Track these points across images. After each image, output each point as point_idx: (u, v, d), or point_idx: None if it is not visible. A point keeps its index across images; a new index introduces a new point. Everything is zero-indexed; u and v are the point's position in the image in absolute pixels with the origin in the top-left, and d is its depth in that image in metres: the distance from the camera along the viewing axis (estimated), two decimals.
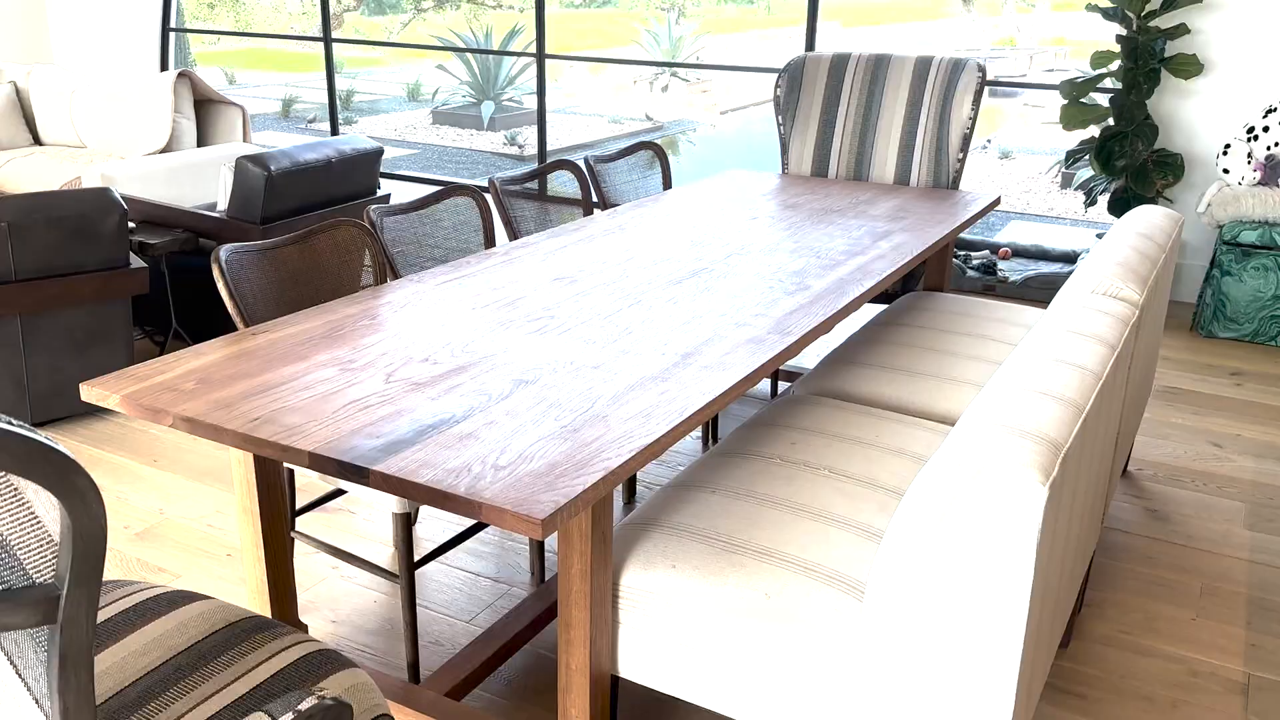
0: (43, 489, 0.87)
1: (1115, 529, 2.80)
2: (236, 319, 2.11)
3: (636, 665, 1.77)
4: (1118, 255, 2.27)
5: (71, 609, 0.91)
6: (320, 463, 1.52)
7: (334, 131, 6.84)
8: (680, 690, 1.75)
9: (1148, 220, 2.62)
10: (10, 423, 0.85)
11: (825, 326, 2.13)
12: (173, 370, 1.80)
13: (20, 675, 0.97)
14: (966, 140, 3.49)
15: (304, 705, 1.17)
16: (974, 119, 3.47)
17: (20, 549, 0.90)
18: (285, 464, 2.21)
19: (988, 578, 1.41)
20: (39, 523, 0.89)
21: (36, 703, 0.97)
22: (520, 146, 12.15)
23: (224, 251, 2.11)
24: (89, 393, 1.73)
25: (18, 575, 0.91)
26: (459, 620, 2.38)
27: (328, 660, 1.43)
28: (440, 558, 2.63)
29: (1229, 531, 2.79)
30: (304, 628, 2.29)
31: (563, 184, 3.27)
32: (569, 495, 1.41)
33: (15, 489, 0.88)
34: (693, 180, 3.59)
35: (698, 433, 3.38)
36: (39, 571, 0.91)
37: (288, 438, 1.56)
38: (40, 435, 0.86)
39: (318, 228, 2.34)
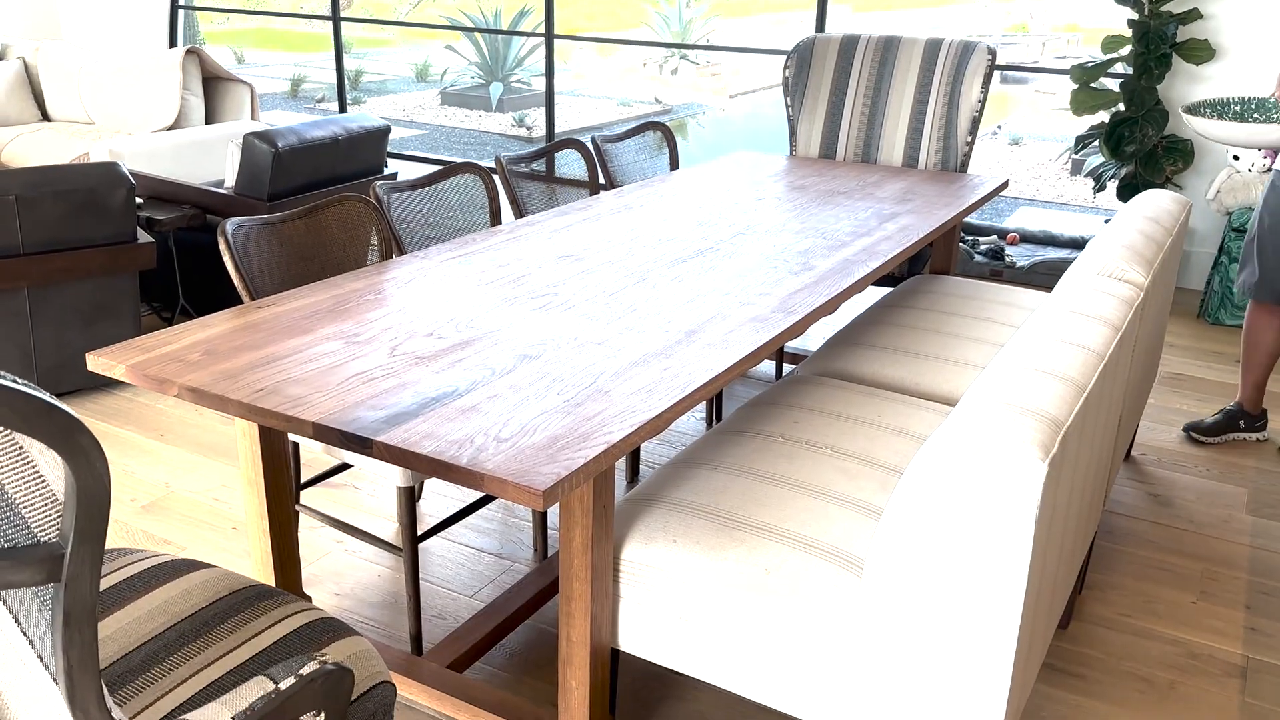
0: (47, 448, 0.88)
1: (1117, 513, 2.81)
2: (242, 292, 2.11)
3: (636, 639, 1.79)
4: (1124, 238, 2.27)
5: (75, 567, 0.92)
6: (324, 433, 1.53)
7: (342, 111, 6.83)
8: (679, 664, 1.76)
9: (1155, 204, 2.61)
10: (15, 381, 0.86)
11: (829, 306, 2.13)
12: (179, 341, 1.81)
13: (25, 633, 0.98)
14: (975, 123, 3.48)
15: (305, 670, 1.18)
16: (983, 102, 3.46)
17: (25, 507, 0.91)
18: (290, 437, 2.22)
19: (986, 553, 1.41)
20: (43, 481, 0.90)
21: (41, 660, 0.99)
22: (529, 128, 12.14)
23: (230, 225, 2.11)
24: (95, 362, 1.74)
25: (22, 533, 0.92)
26: (461, 595, 2.40)
27: (330, 628, 1.44)
28: (443, 533, 2.64)
29: (1231, 517, 2.79)
30: (308, 600, 2.30)
31: (569, 168, 3.27)
32: (570, 467, 1.42)
33: (20, 447, 0.89)
34: (700, 163, 3.59)
35: (702, 413, 3.38)
36: (43, 530, 0.92)
37: (292, 408, 1.57)
38: (44, 394, 0.87)
39: (323, 202, 2.34)
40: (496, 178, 2.95)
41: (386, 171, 4.27)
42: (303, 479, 2.74)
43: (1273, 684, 2.15)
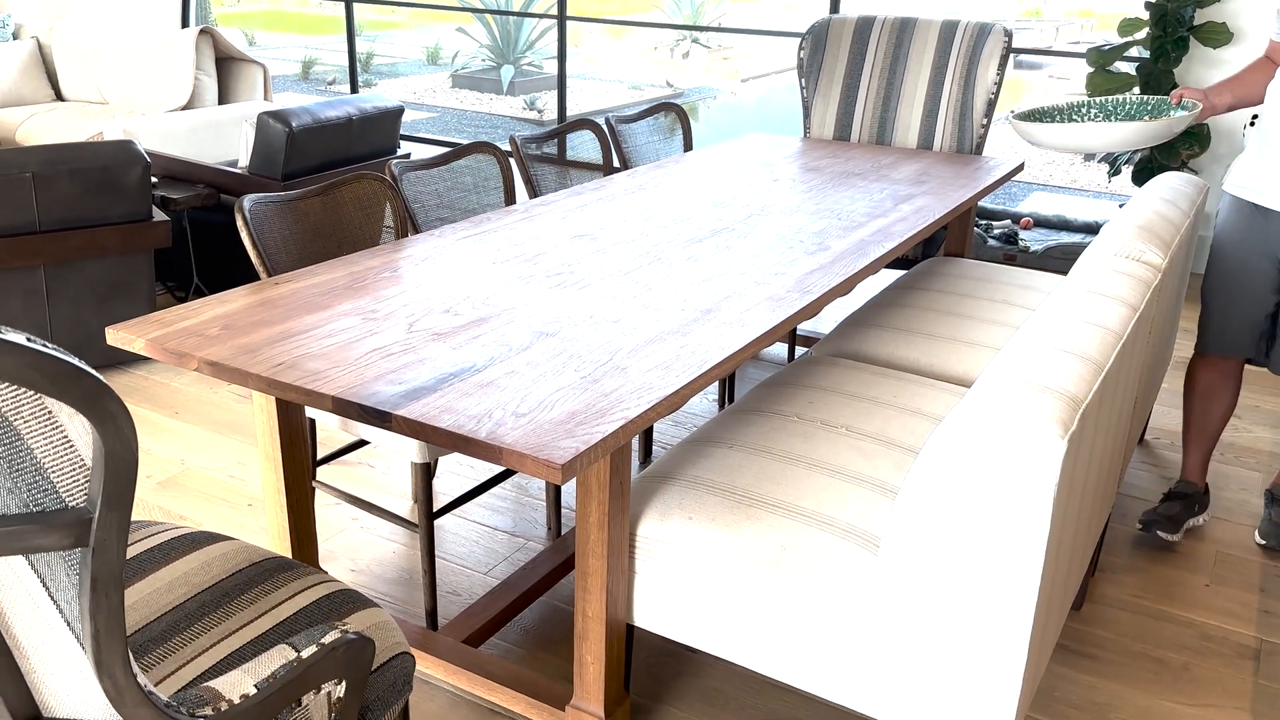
0: (76, 412, 0.89)
1: (1132, 496, 2.80)
2: (259, 268, 2.12)
3: (651, 614, 1.79)
4: (1141, 219, 2.26)
5: (103, 532, 0.93)
6: (343, 407, 1.54)
7: (354, 92, 6.83)
8: (694, 639, 1.77)
9: (1172, 186, 2.60)
10: (45, 345, 0.86)
11: (845, 286, 2.13)
12: (198, 316, 1.82)
13: (53, 598, 0.99)
14: (991, 105, 3.46)
15: (327, 639, 1.19)
16: (999, 84, 3.44)
17: (53, 472, 0.92)
18: (306, 414, 2.23)
19: (1004, 530, 1.42)
20: (71, 446, 0.91)
21: (68, 625, 1.00)
22: (540, 111, 12.11)
23: (248, 201, 2.12)
24: (114, 336, 1.75)
25: (50, 498, 0.93)
26: (476, 572, 2.41)
27: (349, 599, 1.45)
28: (457, 510, 2.65)
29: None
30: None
31: (582, 150, 3.26)
32: (588, 442, 1.42)
33: (49, 412, 0.89)
34: (713, 145, 3.58)
35: (714, 395, 3.39)
36: (71, 495, 0.93)
37: (311, 382, 1.58)
38: (73, 358, 0.87)
39: (340, 180, 2.35)
40: (511, 158, 2.94)
41: (399, 153, 4.27)
42: (318, 456, 2.75)
43: None
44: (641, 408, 1.53)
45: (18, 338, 0.85)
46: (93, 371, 0.88)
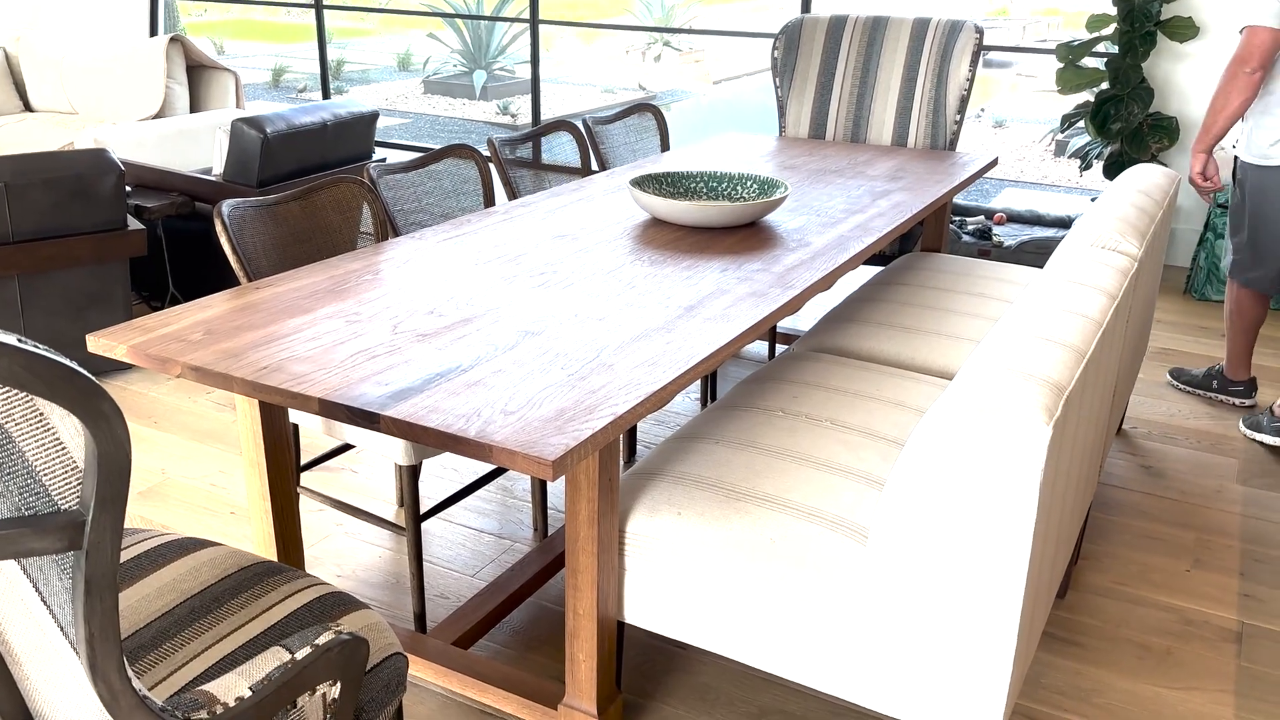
0: (68, 413, 0.88)
1: (1111, 485, 2.83)
2: (239, 273, 2.11)
3: (642, 610, 1.80)
4: (1117, 210, 2.28)
5: (96, 534, 0.93)
6: (330, 409, 1.53)
7: (326, 99, 6.79)
8: (685, 634, 1.78)
9: (1146, 178, 2.63)
10: (36, 346, 0.85)
11: (826, 281, 2.14)
12: (179, 321, 1.81)
13: (45, 603, 0.98)
14: (964, 101, 3.49)
15: (321, 639, 1.19)
16: (971, 80, 3.47)
17: (45, 475, 0.91)
18: (290, 418, 2.21)
19: (991, 517, 1.43)
20: (63, 448, 0.90)
21: (61, 629, 0.99)
22: (513, 116, 12.10)
23: (226, 206, 2.11)
24: (95, 343, 1.74)
25: (42, 501, 0.92)
26: (463, 574, 2.40)
27: (340, 602, 1.45)
28: (443, 514, 2.64)
29: (1222, 487, 2.82)
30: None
31: (560, 151, 3.26)
32: (578, 438, 1.42)
33: (40, 414, 0.89)
34: (688, 146, 3.59)
35: (696, 393, 3.39)
36: (63, 497, 0.92)
37: (297, 385, 1.57)
38: (65, 359, 0.87)
39: (318, 184, 2.34)
40: (489, 161, 2.94)
41: (375, 158, 4.26)
42: (301, 462, 2.73)
43: (1268, 648, 2.18)
44: (630, 403, 1.53)
45: (8, 339, 0.84)
46: (85, 372, 0.88)
